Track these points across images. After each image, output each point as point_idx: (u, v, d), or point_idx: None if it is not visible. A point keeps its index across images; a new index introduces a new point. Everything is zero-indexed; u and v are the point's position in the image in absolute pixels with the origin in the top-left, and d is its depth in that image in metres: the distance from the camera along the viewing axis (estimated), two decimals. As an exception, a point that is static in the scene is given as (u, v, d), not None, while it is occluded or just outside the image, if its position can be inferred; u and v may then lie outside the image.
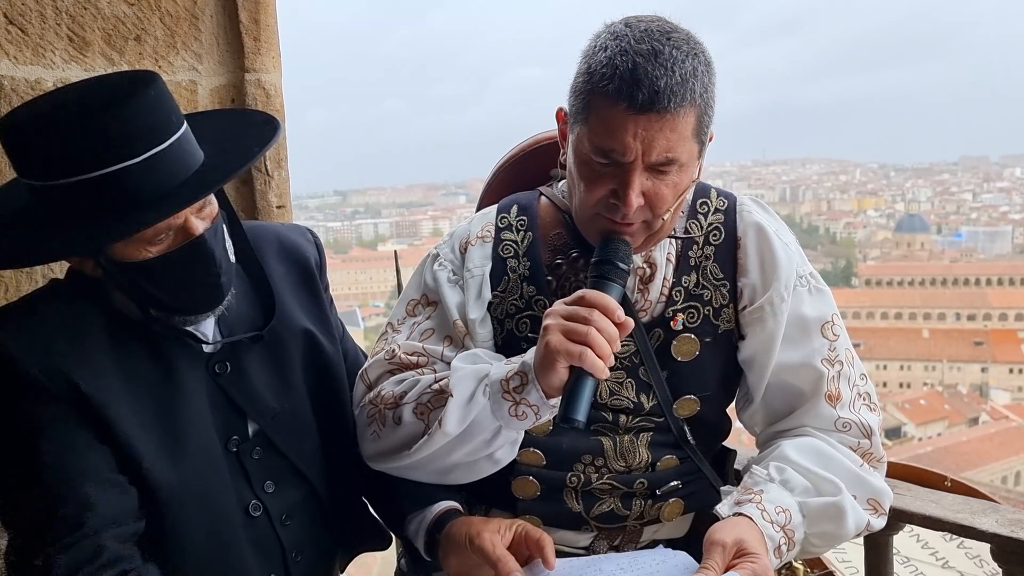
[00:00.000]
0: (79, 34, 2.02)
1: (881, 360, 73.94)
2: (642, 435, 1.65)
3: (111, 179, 1.33)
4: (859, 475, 1.60)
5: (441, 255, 1.72)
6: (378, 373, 1.65)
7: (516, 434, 1.51)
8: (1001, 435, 49.94)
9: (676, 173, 1.49)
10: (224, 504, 1.55)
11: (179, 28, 2.14)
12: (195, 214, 1.43)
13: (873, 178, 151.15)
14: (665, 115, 1.42)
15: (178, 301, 1.48)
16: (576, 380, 1.38)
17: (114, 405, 1.43)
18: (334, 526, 1.75)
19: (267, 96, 2.25)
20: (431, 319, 1.68)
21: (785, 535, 1.50)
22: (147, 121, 1.36)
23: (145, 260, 1.41)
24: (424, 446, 1.49)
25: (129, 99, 1.35)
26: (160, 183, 1.37)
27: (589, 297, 1.41)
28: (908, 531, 2.61)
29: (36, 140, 1.35)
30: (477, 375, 1.48)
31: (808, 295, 1.66)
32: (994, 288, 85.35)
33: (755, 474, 1.60)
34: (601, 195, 1.50)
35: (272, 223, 1.98)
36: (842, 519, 1.54)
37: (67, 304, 1.48)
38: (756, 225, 1.66)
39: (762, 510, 1.50)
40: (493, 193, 1.91)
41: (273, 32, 2.29)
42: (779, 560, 1.51)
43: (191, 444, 1.51)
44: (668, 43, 1.42)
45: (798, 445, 1.62)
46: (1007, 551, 1.83)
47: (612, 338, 1.38)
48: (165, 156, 1.37)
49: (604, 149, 1.46)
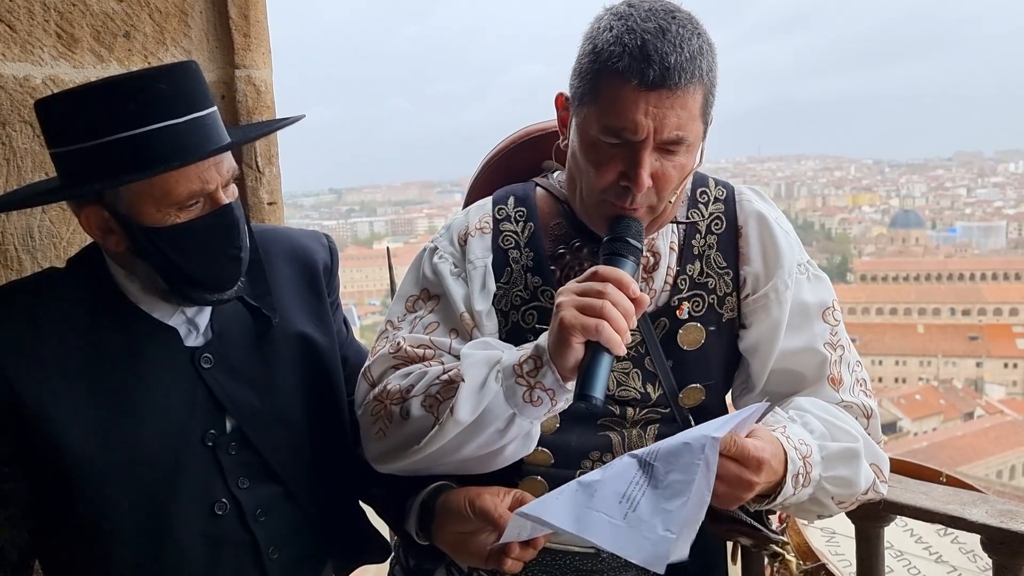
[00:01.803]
0: (67, 30, 2.01)
1: (877, 355, 74.15)
2: (649, 428, 1.63)
3: (155, 135, 1.39)
4: (867, 437, 1.59)
5: (440, 248, 1.67)
6: (382, 369, 1.60)
7: (530, 426, 1.46)
8: (996, 429, 50.14)
9: (683, 154, 1.46)
10: (174, 493, 1.55)
11: (168, 24, 2.13)
12: (223, 189, 1.48)
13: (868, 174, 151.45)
14: (676, 91, 1.39)
15: (200, 271, 1.50)
16: (592, 357, 1.32)
17: (42, 387, 1.46)
18: (319, 528, 1.74)
19: (257, 92, 2.25)
20: (434, 312, 1.63)
21: (805, 466, 1.47)
22: (192, 88, 1.44)
23: (174, 225, 1.44)
24: (434, 438, 1.44)
25: (175, 69, 1.44)
26: (198, 144, 1.43)
27: (603, 271, 1.37)
28: (902, 525, 2.62)
29: (87, 101, 1.41)
30: (489, 361, 1.44)
31: (807, 282, 1.65)
32: (989, 283, 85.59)
33: (776, 414, 1.57)
34: (610, 179, 1.46)
35: (287, 228, 1.98)
36: (858, 464, 1.52)
37: (54, 296, 1.53)
38: (757, 214, 1.65)
39: (787, 437, 1.47)
40: (482, 188, 1.86)
41: (263, 28, 2.28)
42: (795, 492, 1.46)
43: (145, 431, 1.52)
44: (674, 21, 1.41)
45: (812, 401, 1.60)
46: (997, 542, 1.83)
47: (628, 312, 1.34)
48: (204, 122, 1.44)
49: (614, 128, 1.42)
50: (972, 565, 2.46)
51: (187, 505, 1.56)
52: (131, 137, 1.39)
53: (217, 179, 1.46)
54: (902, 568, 2.48)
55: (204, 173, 1.44)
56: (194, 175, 1.43)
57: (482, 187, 1.87)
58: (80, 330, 1.51)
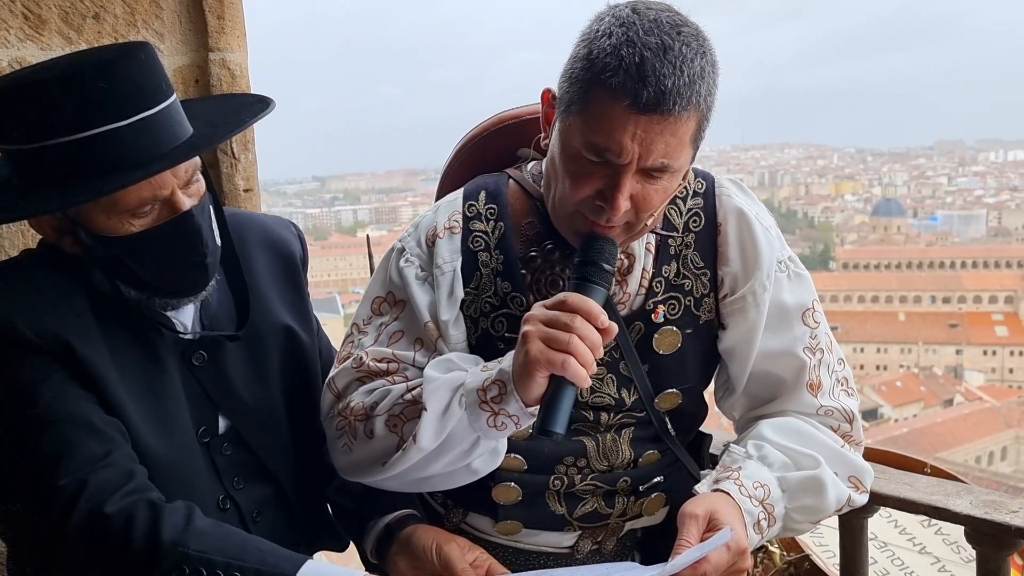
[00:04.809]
0: (34, 11, 1.95)
1: (858, 343, 74.75)
2: (624, 431, 1.61)
3: (97, 141, 1.29)
4: (840, 452, 1.58)
5: (407, 249, 1.60)
6: (346, 382, 1.56)
7: (495, 443, 1.44)
8: (975, 416, 50.73)
9: (668, 179, 1.41)
10: (200, 494, 1.51)
11: (139, 6, 2.08)
12: (183, 189, 1.38)
13: (851, 163, 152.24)
14: (668, 118, 1.33)
15: (160, 280, 1.43)
16: (556, 389, 1.32)
17: (106, 372, 1.38)
18: (300, 523, 1.72)
19: (232, 76, 2.20)
20: (399, 320, 1.59)
21: (764, 510, 1.48)
22: (136, 85, 1.33)
23: (128, 234, 1.36)
24: (398, 461, 1.42)
25: (119, 62, 1.32)
26: (148, 148, 1.33)
27: (571, 302, 1.33)
28: (886, 516, 2.62)
29: (21, 102, 1.31)
30: (452, 385, 1.41)
31: (788, 281, 1.61)
32: (969, 271, 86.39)
33: (733, 452, 1.58)
34: (586, 195, 1.41)
35: (256, 213, 1.92)
36: (822, 492, 1.52)
37: (52, 272, 1.43)
38: (737, 210, 1.60)
39: (740, 485, 1.48)
40: (455, 176, 1.80)
41: (238, 10, 2.23)
42: (760, 536, 1.49)
43: (175, 427, 1.47)
44: (678, 38, 1.32)
45: (776, 424, 1.60)
46: (981, 532, 1.83)
47: (595, 345, 1.32)
48: (154, 121, 1.33)
49: (598, 147, 1.36)
50: (955, 556, 2.47)
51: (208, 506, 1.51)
52: (69, 143, 1.29)
53: (172, 182, 1.37)
54: (886, 559, 2.48)
55: (156, 179, 1.34)
56: (144, 182, 1.33)
57: (455, 176, 1.80)
58: (100, 315, 1.42)
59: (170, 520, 1.29)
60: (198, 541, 1.27)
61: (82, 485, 1.28)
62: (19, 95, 1.32)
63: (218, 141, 1.45)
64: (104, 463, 1.31)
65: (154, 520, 1.28)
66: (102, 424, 1.36)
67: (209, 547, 1.27)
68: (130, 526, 1.27)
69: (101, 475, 1.30)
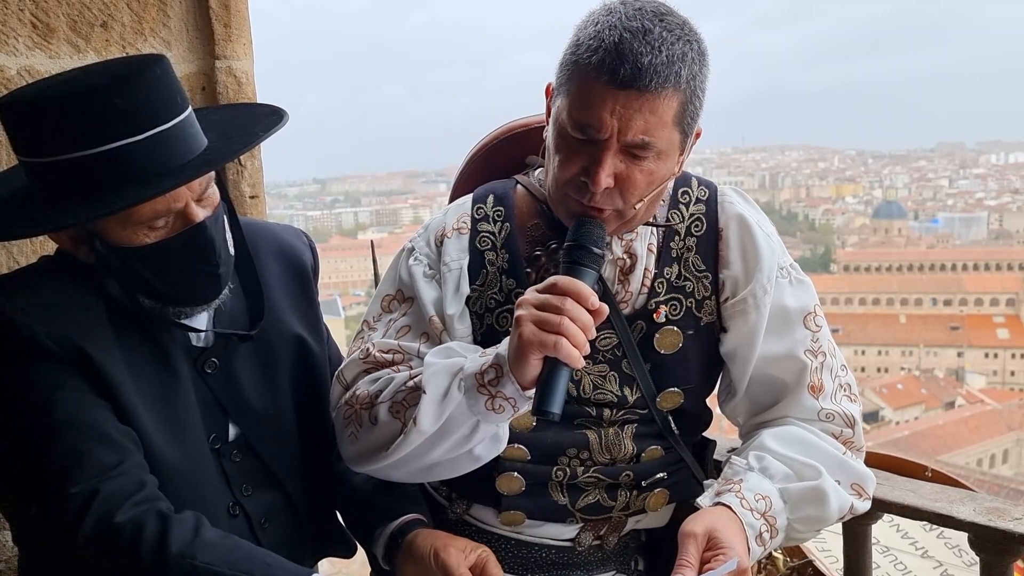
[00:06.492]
0: (43, 20, 1.97)
1: (859, 345, 74.71)
2: (627, 427, 1.63)
3: (112, 156, 1.31)
4: (842, 460, 1.60)
5: (416, 249, 1.67)
6: (354, 373, 1.61)
7: (496, 429, 1.47)
8: (976, 418, 50.69)
9: (652, 160, 1.45)
10: (210, 501, 1.52)
11: (147, 14, 2.09)
12: (196, 201, 1.41)
13: (851, 165, 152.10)
14: (645, 94, 1.38)
15: (175, 291, 1.45)
16: (551, 371, 1.35)
17: (121, 379, 1.40)
18: (307, 530, 1.73)
19: (238, 84, 2.21)
20: (407, 316, 1.64)
21: (766, 522, 1.50)
22: (151, 100, 1.34)
23: (143, 245, 1.38)
24: (401, 446, 1.45)
25: (134, 77, 1.34)
26: (162, 162, 1.34)
27: (561, 284, 1.37)
28: (888, 521, 2.62)
29: (38, 116, 1.33)
30: (451, 369, 1.44)
31: (789, 286, 1.64)
32: (970, 273, 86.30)
33: (734, 464, 1.59)
34: (573, 172, 1.46)
35: (268, 222, 1.94)
36: (824, 503, 1.54)
37: (70, 279, 1.45)
38: (738, 216, 1.63)
39: (741, 498, 1.50)
40: (466, 183, 1.85)
41: (244, 18, 2.24)
42: (762, 548, 1.51)
43: (189, 435, 1.49)
44: (660, 23, 1.39)
45: (778, 434, 1.61)
46: (984, 539, 1.83)
47: (586, 326, 1.35)
48: (169, 136, 1.35)
49: (581, 123, 1.43)
50: (958, 560, 2.47)
51: (219, 513, 1.54)
52: (84, 158, 1.31)
53: (186, 195, 1.39)
54: (889, 564, 2.49)
55: (170, 192, 1.36)
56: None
57: (466, 183, 1.86)
58: (115, 322, 1.44)
59: (178, 531, 1.30)
60: (205, 553, 1.29)
61: (94, 493, 1.30)
62: (36, 109, 1.34)
63: (232, 157, 1.46)
64: (116, 472, 1.33)
65: (163, 531, 1.29)
66: (116, 432, 1.37)
67: (216, 559, 1.29)
68: (139, 536, 1.28)
69: (113, 484, 1.31)
